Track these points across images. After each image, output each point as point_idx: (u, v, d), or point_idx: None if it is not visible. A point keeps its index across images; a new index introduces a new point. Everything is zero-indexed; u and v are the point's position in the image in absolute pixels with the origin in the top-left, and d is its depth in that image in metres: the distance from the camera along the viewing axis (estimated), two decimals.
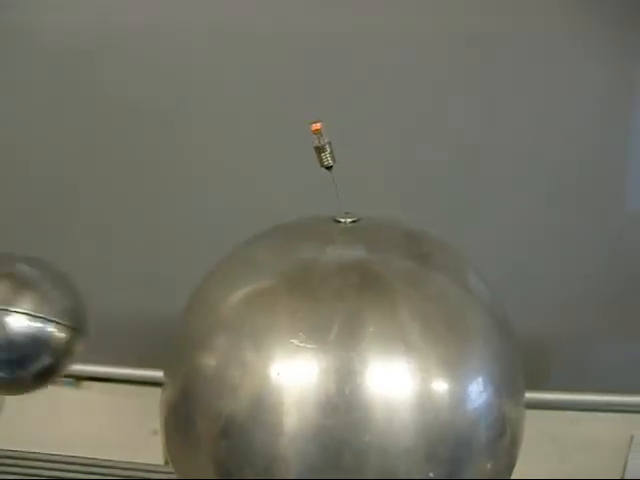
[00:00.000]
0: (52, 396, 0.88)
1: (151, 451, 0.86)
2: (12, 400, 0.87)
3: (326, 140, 0.49)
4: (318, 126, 0.48)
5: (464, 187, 0.79)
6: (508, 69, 0.75)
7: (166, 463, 0.86)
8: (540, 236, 0.80)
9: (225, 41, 0.76)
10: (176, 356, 0.47)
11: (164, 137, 0.80)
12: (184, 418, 0.45)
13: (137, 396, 0.86)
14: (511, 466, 0.47)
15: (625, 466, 0.84)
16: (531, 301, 0.79)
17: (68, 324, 0.48)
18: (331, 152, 0.50)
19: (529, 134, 0.77)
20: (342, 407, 0.39)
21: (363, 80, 0.76)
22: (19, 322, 0.45)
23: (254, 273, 0.46)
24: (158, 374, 0.50)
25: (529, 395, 0.50)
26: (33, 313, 0.46)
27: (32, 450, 0.88)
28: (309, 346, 0.40)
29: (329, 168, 0.50)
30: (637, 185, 0.78)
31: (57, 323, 0.47)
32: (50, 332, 0.47)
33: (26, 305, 0.46)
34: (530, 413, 0.51)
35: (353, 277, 0.43)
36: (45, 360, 0.48)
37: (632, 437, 0.83)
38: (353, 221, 0.50)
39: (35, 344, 0.46)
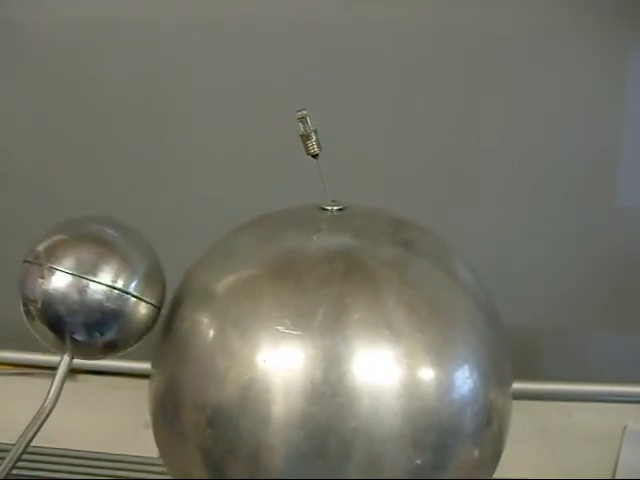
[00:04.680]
0: (48, 389, 0.88)
1: (146, 444, 0.86)
2: (4, 392, 0.87)
3: (312, 128, 0.49)
4: (303, 114, 0.48)
5: (456, 182, 0.79)
6: (502, 65, 0.76)
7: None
8: (536, 233, 0.80)
9: (213, 34, 0.76)
10: (162, 346, 0.47)
11: (153, 131, 0.80)
12: (171, 408, 0.45)
13: (133, 389, 0.86)
14: (498, 454, 0.47)
15: (618, 456, 0.84)
16: (524, 295, 0.79)
17: (148, 300, 0.46)
18: (317, 140, 0.49)
19: (523, 131, 0.77)
20: (328, 394, 0.39)
21: (351, 70, 0.76)
22: (98, 292, 0.44)
23: (240, 261, 0.46)
24: None
25: (520, 386, 0.50)
26: (114, 285, 0.44)
27: None
28: (294, 333, 0.40)
29: (315, 156, 0.50)
30: (630, 182, 0.79)
31: (138, 298, 0.46)
32: (129, 307, 0.45)
33: (108, 276, 0.44)
34: (522, 404, 0.51)
35: (339, 264, 0.43)
36: (118, 332, 0.46)
37: (625, 427, 0.83)
38: (339, 209, 0.50)
39: (111, 316, 0.45)
